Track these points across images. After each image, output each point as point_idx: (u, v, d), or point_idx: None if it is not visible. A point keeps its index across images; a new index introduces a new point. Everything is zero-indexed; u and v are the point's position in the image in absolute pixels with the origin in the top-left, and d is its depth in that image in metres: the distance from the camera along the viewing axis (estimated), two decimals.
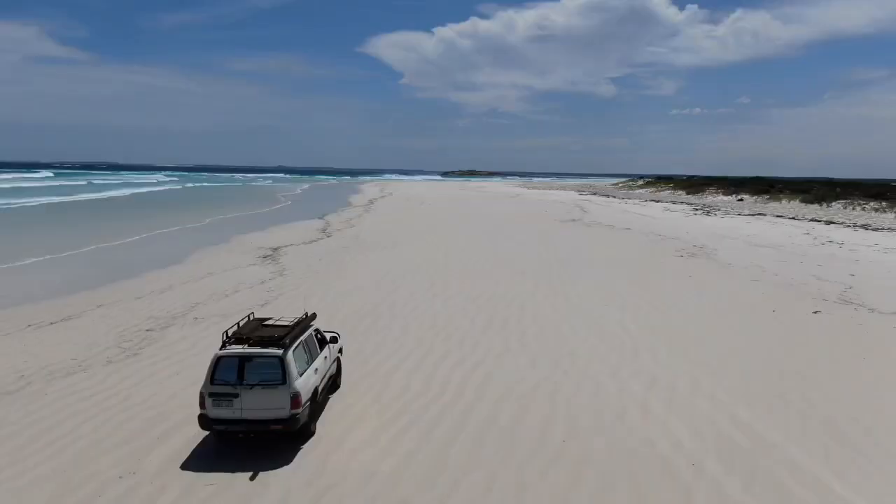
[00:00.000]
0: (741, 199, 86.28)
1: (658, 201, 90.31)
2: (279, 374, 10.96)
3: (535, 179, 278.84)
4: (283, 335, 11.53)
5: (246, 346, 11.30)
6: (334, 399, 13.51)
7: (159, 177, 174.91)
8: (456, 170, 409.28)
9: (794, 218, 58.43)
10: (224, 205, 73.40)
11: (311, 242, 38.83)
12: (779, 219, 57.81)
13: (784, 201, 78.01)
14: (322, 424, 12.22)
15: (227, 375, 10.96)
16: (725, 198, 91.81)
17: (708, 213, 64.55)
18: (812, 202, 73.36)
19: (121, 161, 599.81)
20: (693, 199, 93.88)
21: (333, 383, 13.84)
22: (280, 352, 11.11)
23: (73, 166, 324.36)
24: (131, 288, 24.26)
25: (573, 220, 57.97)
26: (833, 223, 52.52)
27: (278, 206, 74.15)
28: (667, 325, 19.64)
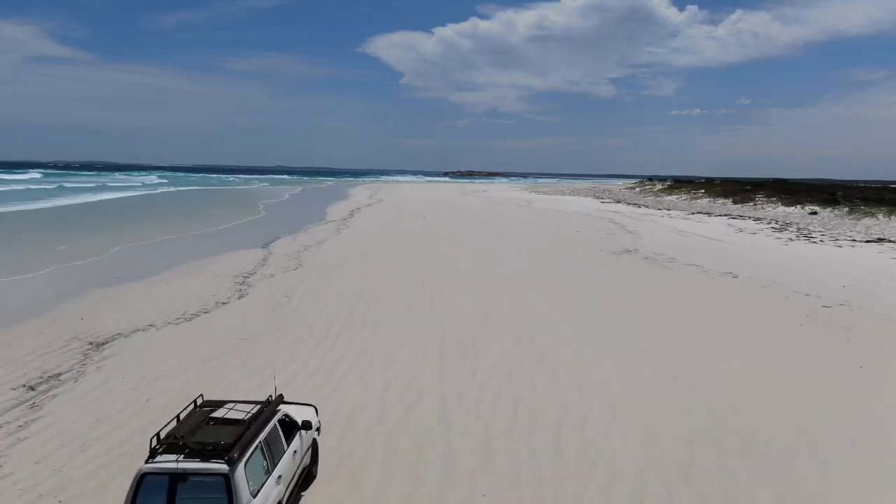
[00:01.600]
0: (814, 213, 68.57)
1: (709, 213, 72.75)
2: (223, 500, 7.61)
3: (540, 181, 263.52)
4: (234, 441, 8.09)
5: (180, 456, 7.83)
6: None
7: (148, 178, 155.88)
8: (454, 170, 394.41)
9: None
10: (179, 217, 58.42)
11: (193, 318, 21.20)
12: None
13: (881, 217, 60.39)
14: None
15: (152, 499, 7.63)
16: (788, 209, 73.94)
17: (808, 238, 46.85)
18: None
19: (121, 161, 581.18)
20: (748, 210, 76.16)
21: (308, 474, 10.31)
22: (226, 468, 7.74)
23: (69, 166, 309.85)
24: None
25: (626, 250, 40.28)
26: None
27: (241, 222, 55.17)
28: None
